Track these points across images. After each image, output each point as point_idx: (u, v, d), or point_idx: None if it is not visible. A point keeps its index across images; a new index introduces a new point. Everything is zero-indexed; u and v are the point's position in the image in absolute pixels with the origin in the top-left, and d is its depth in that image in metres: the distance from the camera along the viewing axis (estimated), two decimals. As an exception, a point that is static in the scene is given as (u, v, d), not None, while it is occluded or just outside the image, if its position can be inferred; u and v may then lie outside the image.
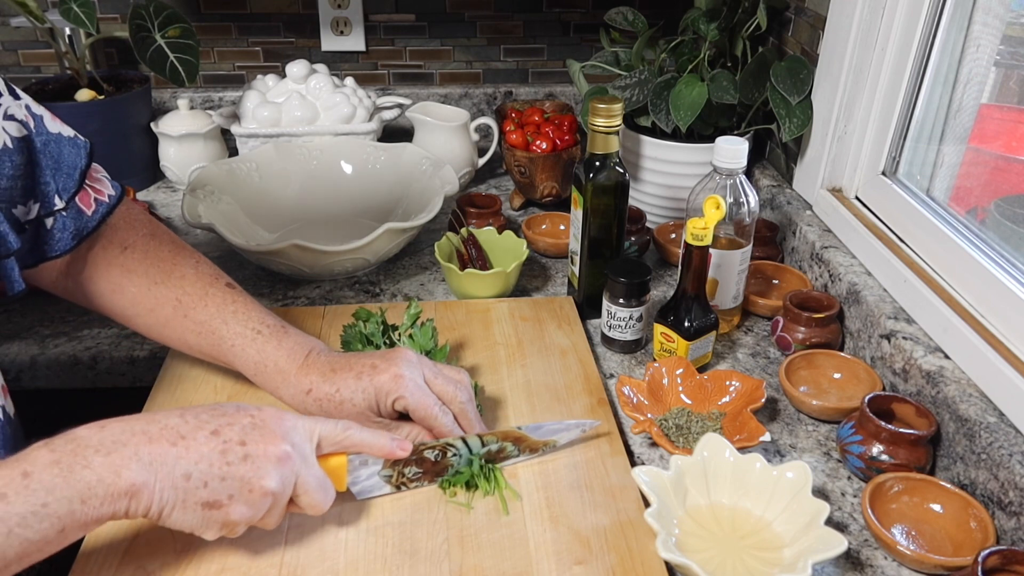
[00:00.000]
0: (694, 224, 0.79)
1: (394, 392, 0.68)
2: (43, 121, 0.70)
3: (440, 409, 0.69)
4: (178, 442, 0.55)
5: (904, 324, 0.82)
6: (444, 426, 0.69)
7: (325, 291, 1.01)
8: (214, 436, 0.56)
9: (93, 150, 0.74)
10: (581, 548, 0.64)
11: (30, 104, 0.70)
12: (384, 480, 0.67)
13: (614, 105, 0.85)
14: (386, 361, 0.70)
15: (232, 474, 0.56)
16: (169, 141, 1.26)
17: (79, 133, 0.74)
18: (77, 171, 0.72)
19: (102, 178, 0.76)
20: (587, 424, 0.74)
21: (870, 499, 0.66)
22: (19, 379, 0.89)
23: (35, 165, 0.69)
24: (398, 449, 0.65)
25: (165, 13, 1.15)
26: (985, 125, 0.89)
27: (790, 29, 1.14)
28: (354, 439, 0.63)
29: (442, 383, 0.71)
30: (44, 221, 0.70)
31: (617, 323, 0.88)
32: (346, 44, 1.45)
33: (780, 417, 0.82)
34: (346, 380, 0.70)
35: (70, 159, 0.72)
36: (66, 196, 0.71)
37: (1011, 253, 0.77)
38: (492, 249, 1.02)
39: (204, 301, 0.74)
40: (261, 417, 0.59)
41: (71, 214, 0.72)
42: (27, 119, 0.68)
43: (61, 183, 0.71)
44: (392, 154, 1.17)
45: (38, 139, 0.69)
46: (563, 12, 1.47)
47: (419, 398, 0.68)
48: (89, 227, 0.73)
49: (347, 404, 0.69)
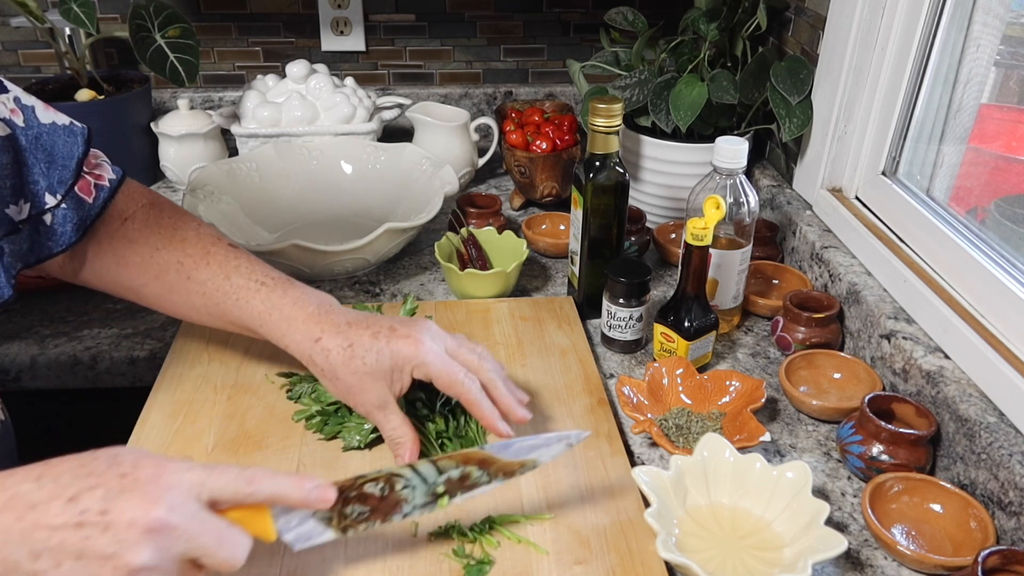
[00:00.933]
0: (694, 224, 0.79)
1: (414, 358, 0.64)
2: (34, 112, 0.68)
3: (467, 376, 0.65)
4: (26, 515, 0.46)
5: (904, 324, 0.82)
6: (472, 392, 0.64)
7: (325, 291, 1.01)
8: (71, 504, 0.47)
9: (91, 135, 0.72)
10: (581, 548, 0.63)
11: (20, 96, 0.68)
12: (322, 523, 0.57)
13: (614, 105, 0.85)
14: (406, 326, 0.66)
15: (90, 550, 0.46)
16: (169, 141, 1.26)
17: None
18: (73, 160, 0.70)
19: (102, 163, 0.74)
20: (574, 436, 0.63)
21: (870, 499, 0.66)
22: (19, 379, 0.89)
23: (22, 164, 0.67)
24: (317, 498, 0.54)
25: (165, 13, 1.15)
26: (985, 125, 0.89)
27: (790, 29, 1.14)
28: (261, 492, 0.52)
29: (466, 353, 0.67)
30: (42, 218, 0.69)
31: (617, 323, 0.88)
32: (346, 44, 1.45)
33: (780, 417, 0.82)
34: (361, 336, 0.65)
35: (64, 149, 0.69)
36: (63, 189, 0.69)
37: (1011, 253, 0.77)
38: (492, 249, 1.02)
39: (206, 260, 0.72)
40: (135, 476, 0.49)
41: (71, 205, 0.70)
42: (14, 114, 0.66)
43: (56, 176, 0.69)
44: (392, 154, 1.17)
45: (26, 135, 0.67)
46: (563, 12, 1.47)
47: (442, 364, 0.64)
48: (92, 215, 0.72)
49: (357, 361, 0.65)
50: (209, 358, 0.84)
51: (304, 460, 0.72)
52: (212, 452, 0.72)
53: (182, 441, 0.73)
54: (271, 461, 0.71)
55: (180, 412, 0.77)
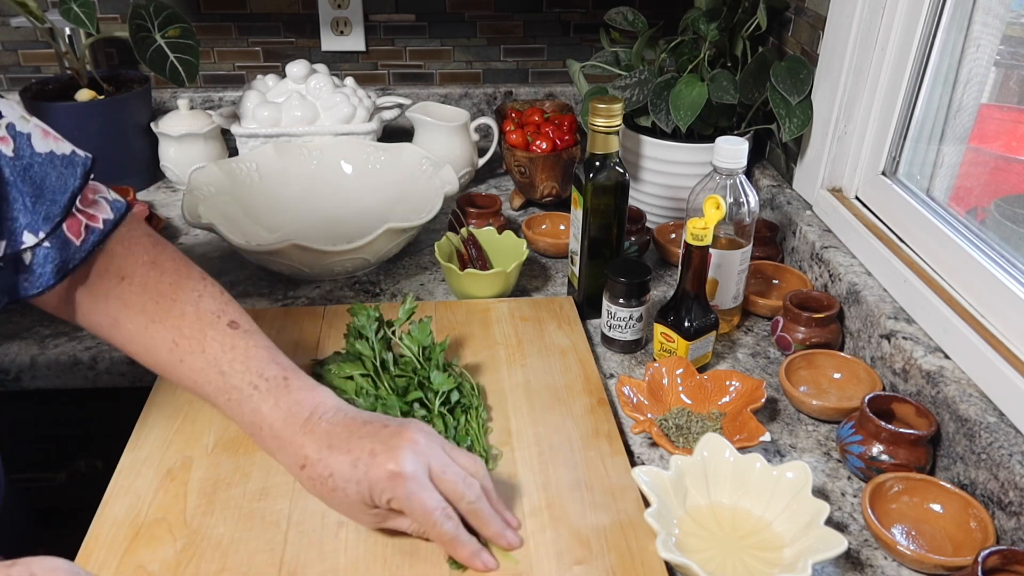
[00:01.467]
0: (694, 224, 0.79)
1: (388, 492, 0.60)
2: (30, 140, 0.62)
3: (443, 514, 0.61)
4: None
5: (904, 324, 0.82)
6: (445, 534, 0.61)
7: (325, 291, 1.01)
8: None
9: (93, 167, 0.66)
10: (581, 548, 0.63)
11: (15, 122, 0.62)
12: None
13: (614, 105, 0.85)
14: (388, 450, 0.61)
15: None
16: (169, 141, 1.26)
17: (81, 135, 0.68)
18: (65, 194, 0.63)
19: (100, 200, 0.67)
20: None
21: (870, 499, 0.66)
22: (19, 379, 0.89)
23: (1, 199, 0.60)
24: None
25: (165, 13, 1.15)
26: (985, 125, 0.89)
27: (790, 29, 1.14)
28: None
29: (451, 478, 0.62)
30: (21, 256, 0.62)
31: (617, 323, 0.88)
32: (346, 44, 1.45)
33: (780, 417, 0.82)
34: (341, 466, 0.61)
35: (56, 182, 0.63)
36: (48, 226, 0.63)
37: (1011, 253, 0.77)
38: (492, 249, 1.02)
39: (202, 346, 0.66)
40: None
41: (55, 244, 0.63)
42: (2, 142, 0.60)
43: (43, 211, 0.62)
44: (392, 154, 1.17)
45: (12, 166, 0.61)
46: (563, 12, 1.47)
47: (417, 503, 0.60)
48: (75, 259, 0.65)
49: (339, 493, 0.62)
50: (209, 358, 0.84)
51: (304, 460, 0.72)
52: (212, 452, 0.72)
53: (182, 441, 0.73)
54: (271, 461, 0.71)
55: (180, 412, 0.77)
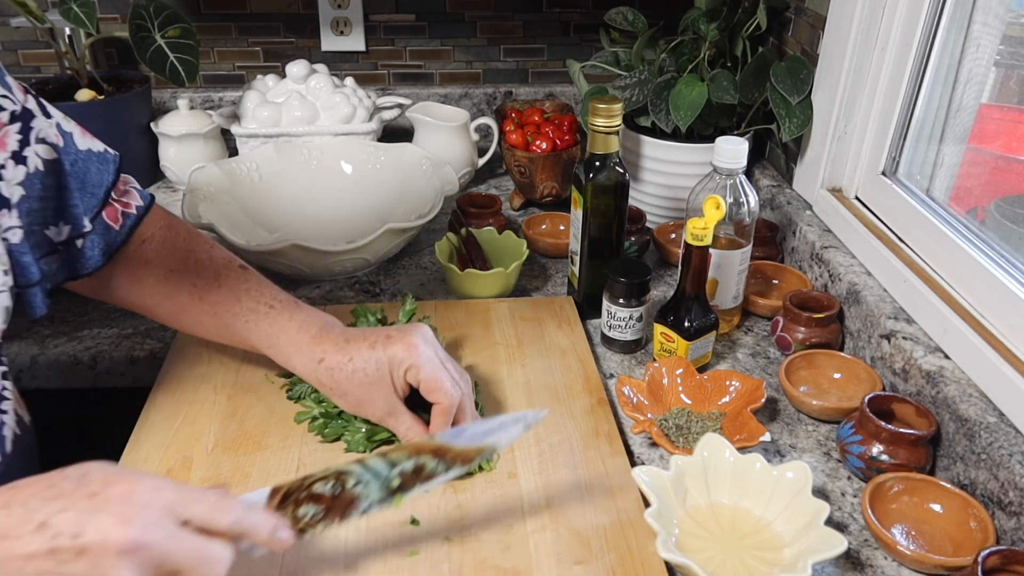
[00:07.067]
0: (694, 224, 0.79)
1: (407, 360, 0.67)
2: (73, 139, 0.70)
3: (452, 384, 0.68)
4: None
5: (904, 324, 0.82)
6: (451, 398, 0.68)
7: (325, 291, 1.01)
8: (42, 530, 0.45)
9: (122, 163, 0.75)
10: (581, 548, 0.63)
11: (60, 122, 0.70)
12: None
13: (614, 105, 0.85)
14: (401, 332, 0.70)
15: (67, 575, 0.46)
16: (169, 141, 1.26)
17: None
18: (102, 188, 0.73)
19: (131, 189, 0.77)
20: (531, 416, 0.62)
21: (870, 499, 0.66)
22: (19, 379, 0.89)
23: (64, 188, 0.69)
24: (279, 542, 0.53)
25: (165, 13, 1.15)
26: (985, 125, 0.89)
27: (790, 29, 1.14)
28: (231, 525, 0.51)
29: (452, 367, 0.70)
30: (75, 241, 0.71)
31: (617, 323, 0.88)
32: (346, 44, 1.45)
33: (780, 417, 0.82)
34: (359, 350, 0.69)
35: (95, 177, 0.72)
36: (90, 215, 0.72)
37: (1011, 253, 0.77)
38: (492, 249, 1.02)
39: (218, 282, 0.75)
40: (105, 495, 0.47)
41: (99, 231, 0.73)
42: (57, 139, 0.68)
43: (86, 203, 0.71)
44: (392, 154, 1.17)
45: (67, 159, 0.69)
46: (563, 12, 1.47)
47: (432, 369, 0.68)
48: (118, 241, 0.75)
49: (359, 374, 0.69)
50: (209, 358, 0.84)
51: (304, 460, 0.72)
52: (212, 452, 0.72)
53: (182, 441, 0.73)
54: (271, 461, 0.71)
55: (180, 412, 0.77)
